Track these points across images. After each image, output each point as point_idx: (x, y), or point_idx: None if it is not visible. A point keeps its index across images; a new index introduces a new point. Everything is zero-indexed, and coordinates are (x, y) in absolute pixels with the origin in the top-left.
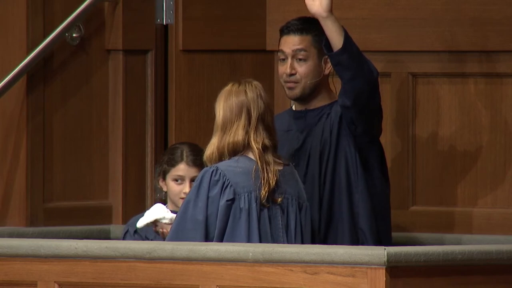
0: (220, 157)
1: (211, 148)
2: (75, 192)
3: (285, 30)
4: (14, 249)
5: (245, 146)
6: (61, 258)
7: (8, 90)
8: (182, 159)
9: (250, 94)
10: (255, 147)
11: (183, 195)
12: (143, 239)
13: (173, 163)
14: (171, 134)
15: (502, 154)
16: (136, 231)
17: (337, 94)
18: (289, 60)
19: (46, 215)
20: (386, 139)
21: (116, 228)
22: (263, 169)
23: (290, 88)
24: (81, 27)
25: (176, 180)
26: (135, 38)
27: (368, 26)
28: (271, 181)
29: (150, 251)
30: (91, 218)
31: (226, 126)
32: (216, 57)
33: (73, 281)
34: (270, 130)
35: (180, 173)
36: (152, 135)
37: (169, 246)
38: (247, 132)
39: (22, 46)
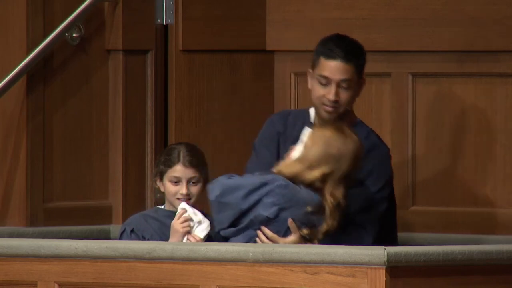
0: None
1: (290, 171)
2: (75, 192)
3: (330, 54)
4: (14, 249)
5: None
6: (61, 258)
7: (8, 90)
8: (178, 160)
9: (349, 148)
10: (329, 201)
11: (180, 196)
12: (139, 239)
13: (169, 164)
14: (171, 134)
15: (502, 154)
16: (133, 230)
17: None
18: (334, 87)
19: (46, 215)
20: (386, 139)
21: (116, 228)
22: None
23: (328, 112)
24: (81, 27)
25: (172, 181)
26: (135, 38)
27: (368, 26)
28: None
29: (150, 251)
30: (91, 218)
31: (313, 165)
32: (216, 57)
33: (73, 281)
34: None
35: (177, 174)
36: (152, 135)
37: (169, 246)
38: (326, 182)
39: (22, 46)
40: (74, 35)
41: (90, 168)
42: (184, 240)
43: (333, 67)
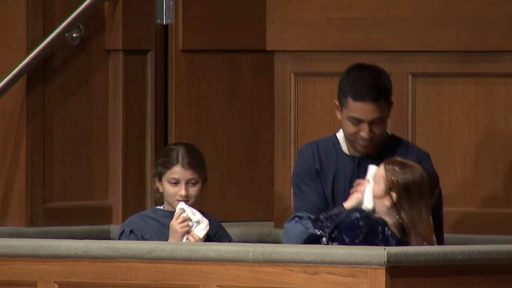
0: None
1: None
2: (75, 192)
3: (359, 97)
4: (14, 249)
5: None
6: (61, 258)
7: (8, 90)
8: (177, 162)
9: (417, 175)
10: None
11: (178, 197)
12: (138, 239)
13: (168, 166)
14: (171, 134)
15: (502, 154)
16: (132, 231)
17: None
18: (366, 125)
19: (46, 215)
20: None
21: (116, 228)
22: None
23: (365, 147)
24: (81, 27)
25: (171, 182)
26: (135, 38)
27: (368, 26)
28: None
29: (150, 251)
30: (91, 218)
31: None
32: (216, 57)
33: (73, 281)
34: None
35: (176, 175)
36: (152, 135)
37: (169, 246)
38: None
39: (22, 46)
40: (74, 35)
41: (90, 168)
42: (184, 240)
43: (364, 109)
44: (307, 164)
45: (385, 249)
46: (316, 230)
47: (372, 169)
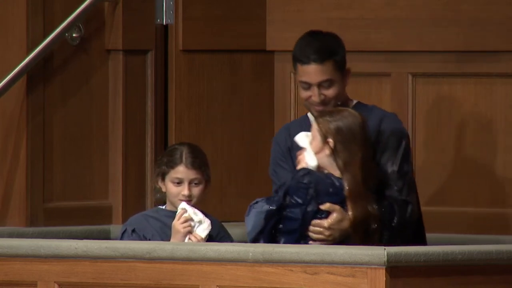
0: None
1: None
2: (75, 192)
3: (304, 59)
4: (14, 249)
5: None
6: (61, 258)
7: (8, 90)
8: (181, 161)
9: (349, 120)
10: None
11: (181, 197)
12: (141, 239)
13: (172, 165)
14: (171, 134)
15: (502, 154)
16: (134, 230)
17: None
18: (315, 89)
19: (46, 215)
20: None
21: (116, 228)
22: None
23: (319, 111)
24: (81, 27)
25: (174, 182)
26: (135, 38)
27: (368, 26)
28: None
29: (150, 251)
30: (91, 218)
31: (324, 145)
32: (216, 57)
33: (73, 281)
34: None
35: (179, 175)
36: (152, 135)
37: (169, 246)
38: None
39: (22, 46)
40: (74, 35)
41: (90, 168)
42: (186, 240)
43: (310, 72)
44: (280, 147)
45: (385, 249)
46: (269, 206)
47: (300, 136)
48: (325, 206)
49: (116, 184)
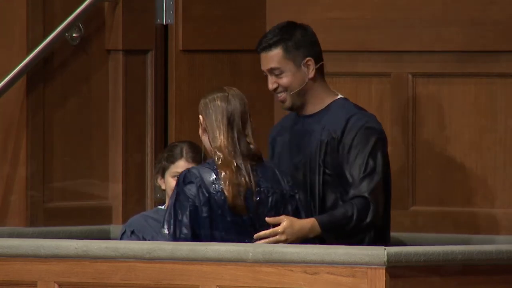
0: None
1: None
2: (75, 192)
3: (257, 48)
4: (14, 249)
5: None
6: (61, 258)
7: (8, 90)
8: (181, 156)
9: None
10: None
11: None
12: (140, 240)
13: (172, 160)
14: (171, 134)
15: (502, 153)
16: (133, 231)
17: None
18: (269, 77)
19: (46, 215)
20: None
21: (116, 228)
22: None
23: (281, 101)
24: (81, 27)
25: (175, 176)
26: (135, 38)
27: (368, 26)
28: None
29: (150, 251)
30: (91, 218)
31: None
32: (216, 57)
33: (73, 281)
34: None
35: (180, 169)
36: (152, 135)
37: (169, 246)
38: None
39: (22, 46)
40: (74, 35)
41: (90, 168)
42: None
43: (261, 60)
44: (269, 143)
45: (385, 249)
46: (165, 230)
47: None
48: (270, 220)
49: (116, 184)
